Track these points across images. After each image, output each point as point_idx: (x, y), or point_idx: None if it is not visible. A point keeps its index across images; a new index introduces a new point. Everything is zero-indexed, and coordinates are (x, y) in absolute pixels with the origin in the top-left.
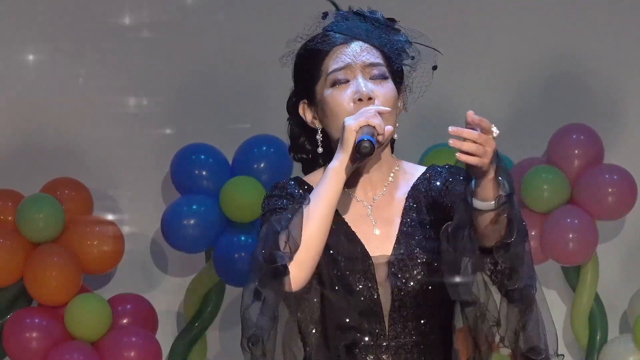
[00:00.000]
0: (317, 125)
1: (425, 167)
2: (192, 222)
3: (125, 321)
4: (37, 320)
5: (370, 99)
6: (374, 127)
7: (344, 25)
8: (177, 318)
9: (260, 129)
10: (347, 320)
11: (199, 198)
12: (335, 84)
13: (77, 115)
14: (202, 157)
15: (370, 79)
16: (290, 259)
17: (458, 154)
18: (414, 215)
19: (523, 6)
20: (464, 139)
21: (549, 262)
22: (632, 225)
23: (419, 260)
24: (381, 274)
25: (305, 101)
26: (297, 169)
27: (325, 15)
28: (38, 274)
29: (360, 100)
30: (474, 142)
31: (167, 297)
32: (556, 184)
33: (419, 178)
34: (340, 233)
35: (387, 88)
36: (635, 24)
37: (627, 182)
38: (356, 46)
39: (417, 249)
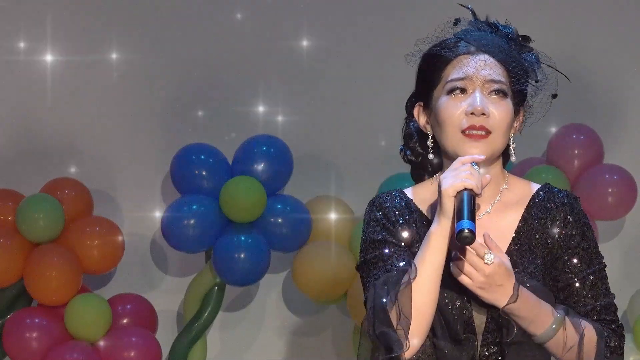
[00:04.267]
0: (429, 130)
1: (538, 186)
2: (192, 222)
3: (125, 321)
4: (37, 320)
5: (483, 114)
6: (472, 188)
7: (475, 35)
8: (177, 318)
9: (260, 129)
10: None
11: (199, 198)
12: (451, 92)
13: (77, 116)
14: (202, 157)
15: (488, 94)
16: (405, 338)
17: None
18: (522, 247)
19: (523, 6)
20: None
21: None
22: (632, 226)
23: None
24: (478, 302)
25: (421, 104)
26: (298, 169)
27: (457, 21)
28: (38, 274)
29: (472, 114)
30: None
31: (167, 297)
32: (556, 183)
33: (533, 201)
34: None
35: (503, 107)
36: (635, 24)
37: (627, 182)
38: (481, 59)
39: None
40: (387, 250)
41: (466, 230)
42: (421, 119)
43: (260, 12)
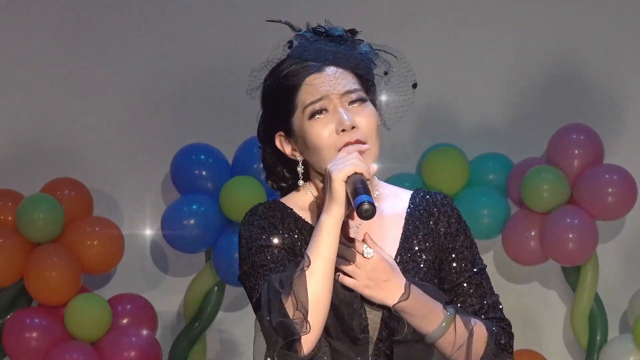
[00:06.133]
0: (298, 157)
1: (410, 191)
2: (192, 222)
3: (125, 321)
4: (37, 320)
5: (353, 127)
6: (362, 173)
7: (312, 48)
8: (177, 318)
9: None
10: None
11: (199, 198)
12: (313, 116)
13: (77, 116)
14: (202, 157)
15: (349, 105)
16: (303, 327)
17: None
18: (409, 253)
19: (523, 6)
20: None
21: (549, 262)
22: (632, 226)
23: None
24: (371, 310)
25: (282, 133)
26: None
27: (291, 44)
28: (38, 274)
29: (343, 130)
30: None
31: (167, 297)
32: (556, 184)
33: (412, 205)
34: None
35: (367, 113)
36: (635, 24)
37: (627, 182)
38: (329, 73)
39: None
40: (277, 254)
41: (366, 203)
42: (286, 148)
43: (261, 12)
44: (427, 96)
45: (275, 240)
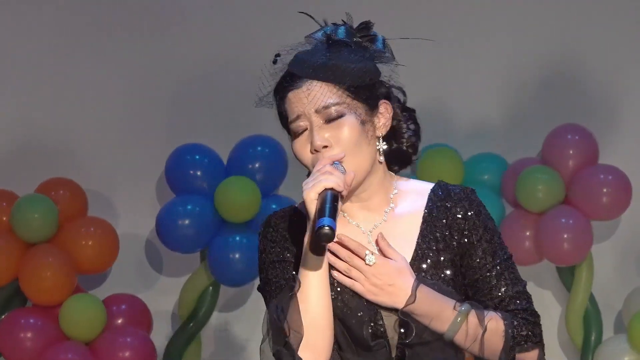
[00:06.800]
0: None
1: (431, 185)
2: (186, 222)
3: (119, 321)
4: (31, 321)
5: (325, 147)
6: (332, 187)
7: (304, 58)
8: (171, 318)
9: (255, 129)
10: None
11: (194, 198)
12: (295, 135)
13: (72, 116)
14: (197, 157)
15: (325, 121)
16: (295, 352)
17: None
18: (428, 250)
19: (520, 7)
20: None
21: (544, 262)
22: (627, 226)
23: None
24: (387, 314)
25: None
26: (292, 169)
27: (275, 60)
28: (33, 274)
29: (317, 151)
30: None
31: (162, 297)
32: (551, 184)
33: (430, 202)
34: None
35: (344, 127)
36: (631, 25)
37: (622, 183)
38: (304, 89)
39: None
40: (287, 269)
41: (326, 227)
42: None
43: (258, 12)
44: (421, 96)
45: (287, 254)
